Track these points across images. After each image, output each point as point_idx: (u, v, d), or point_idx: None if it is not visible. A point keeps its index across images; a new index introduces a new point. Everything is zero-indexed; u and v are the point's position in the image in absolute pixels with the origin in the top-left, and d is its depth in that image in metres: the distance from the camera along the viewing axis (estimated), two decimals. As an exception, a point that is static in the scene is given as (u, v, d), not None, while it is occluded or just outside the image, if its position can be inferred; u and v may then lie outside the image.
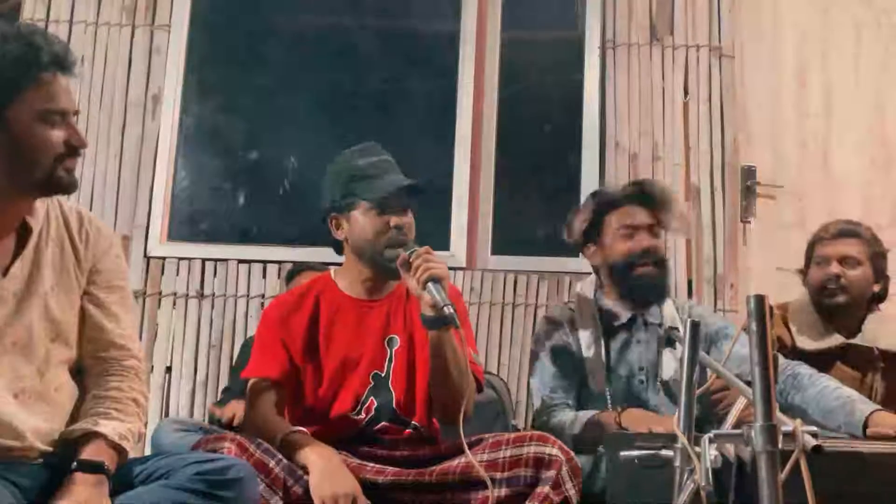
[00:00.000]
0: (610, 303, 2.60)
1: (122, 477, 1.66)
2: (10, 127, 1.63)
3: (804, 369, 2.50)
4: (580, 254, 2.78)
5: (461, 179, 3.82)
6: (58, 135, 1.66)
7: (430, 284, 2.03)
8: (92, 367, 1.78)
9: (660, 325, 2.58)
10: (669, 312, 2.59)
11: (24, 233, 1.70)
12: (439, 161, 3.79)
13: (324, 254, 3.37)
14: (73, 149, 1.68)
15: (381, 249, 2.16)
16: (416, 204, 2.24)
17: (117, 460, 1.67)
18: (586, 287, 2.68)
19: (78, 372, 1.78)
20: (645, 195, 2.63)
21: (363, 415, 2.18)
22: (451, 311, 2.00)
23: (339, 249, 2.28)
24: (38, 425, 1.66)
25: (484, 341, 3.65)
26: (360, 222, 2.18)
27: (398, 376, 2.20)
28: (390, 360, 2.21)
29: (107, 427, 1.68)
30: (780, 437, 1.30)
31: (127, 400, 1.75)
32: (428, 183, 3.06)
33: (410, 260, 2.08)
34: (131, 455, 1.74)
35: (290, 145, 3.97)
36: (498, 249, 3.84)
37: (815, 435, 1.42)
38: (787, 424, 1.37)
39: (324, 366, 2.19)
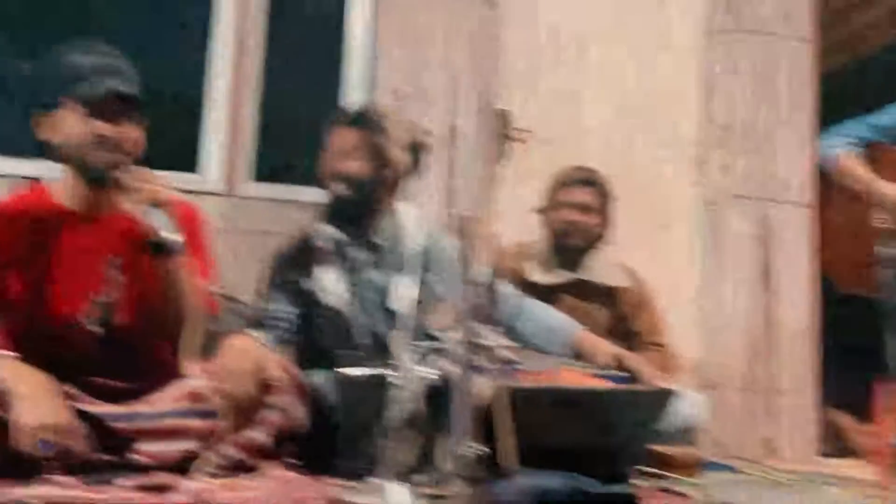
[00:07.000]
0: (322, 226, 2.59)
1: None
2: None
3: (528, 300, 2.67)
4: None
5: (218, 90, 3.47)
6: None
7: (148, 210, 1.91)
8: None
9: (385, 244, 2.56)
10: (400, 232, 2.57)
11: None
12: (191, 65, 3.37)
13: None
14: None
15: (86, 160, 1.98)
16: (141, 117, 2.02)
17: None
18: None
19: None
20: (350, 119, 2.60)
21: (87, 339, 2.02)
22: (174, 239, 1.89)
23: (47, 154, 2.05)
24: None
25: (240, 272, 3.58)
26: (66, 126, 1.98)
27: (120, 298, 2.06)
28: (111, 282, 2.05)
29: None
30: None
31: None
32: (178, 94, 2.73)
33: (126, 183, 1.92)
34: None
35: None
36: (260, 176, 3.71)
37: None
38: (487, 339, 1.47)
39: (38, 285, 2.00)
